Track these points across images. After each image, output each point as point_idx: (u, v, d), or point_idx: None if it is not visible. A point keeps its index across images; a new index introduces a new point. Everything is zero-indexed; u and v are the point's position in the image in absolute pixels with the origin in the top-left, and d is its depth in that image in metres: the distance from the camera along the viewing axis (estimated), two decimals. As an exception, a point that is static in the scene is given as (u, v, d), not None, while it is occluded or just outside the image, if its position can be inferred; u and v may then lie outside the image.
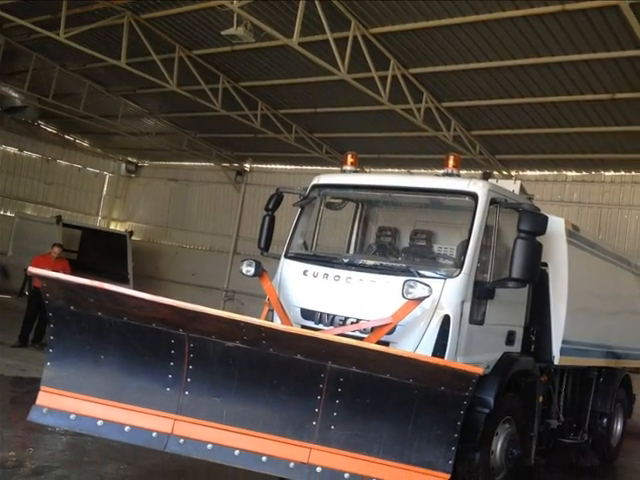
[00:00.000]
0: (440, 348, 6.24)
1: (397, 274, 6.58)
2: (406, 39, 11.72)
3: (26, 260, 12.69)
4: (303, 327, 6.68)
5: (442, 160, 7.34)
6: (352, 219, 8.68)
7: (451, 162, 7.15)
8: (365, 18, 11.34)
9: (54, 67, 17.29)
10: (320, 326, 6.71)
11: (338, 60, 11.32)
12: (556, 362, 8.00)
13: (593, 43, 10.33)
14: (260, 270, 7.14)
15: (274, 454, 5.63)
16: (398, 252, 7.85)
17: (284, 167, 21.56)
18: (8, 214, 23.01)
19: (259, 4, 10.91)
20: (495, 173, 15.71)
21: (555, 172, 16.28)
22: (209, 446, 5.73)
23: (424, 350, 6.21)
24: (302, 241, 7.68)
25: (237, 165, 22.37)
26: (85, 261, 19.68)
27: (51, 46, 15.46)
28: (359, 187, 7.94)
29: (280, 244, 7.68)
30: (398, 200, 7.85)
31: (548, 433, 8.29)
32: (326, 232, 8.10)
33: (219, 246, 22.75)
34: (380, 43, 11.93)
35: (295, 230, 7.67)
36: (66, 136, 24.68)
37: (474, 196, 6.68)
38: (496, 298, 6.66)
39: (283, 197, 7.92)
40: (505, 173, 16.35)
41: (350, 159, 7.78)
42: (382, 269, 6.86)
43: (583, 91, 11.94)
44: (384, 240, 8.12)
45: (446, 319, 6.28)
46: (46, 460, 6.74)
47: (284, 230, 7.82)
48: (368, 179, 8.98)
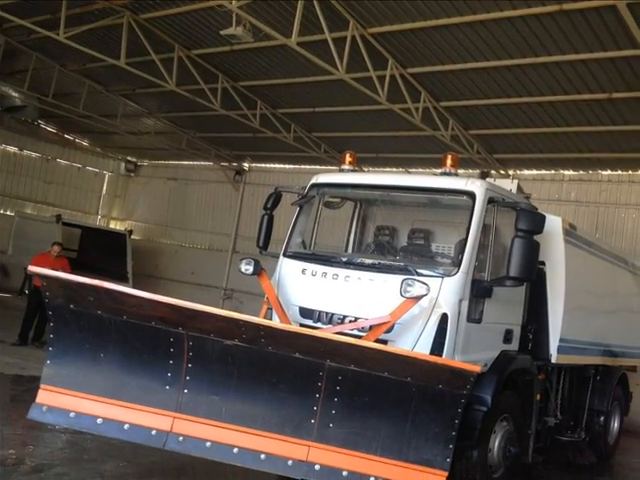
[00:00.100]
0: (438, 346, 6.25)
1: (395, 273, 6.60)
2: (404, 39, 11.70)
3: (26, 259, 12.70)
4: (302, 326, 6.71)
5: (440, 159, 7.35)
6: (350, 218, 8.69)
7: (449, 161, 7.15)
8: (363, 18, 11.33)
9: (54, 67, 17.27)
10: (318, 324, 6.74)
11: (336, 60, 11.31)
12: (553, 360, 8.03)
13: (590, 43, 10.33)
14: (259, 269, 7.15)
15: (273, 452, 5.65)
16: (396, 251, 7.87)
17: (283, 166, 21.52)
18: (8, 213, 23.00)
19: (258, 4, 10.90)
20: (493, 172, 15.58)
21: (552, 171, 16.24)
22: (208, 444, 5.74)
23: (422, 348, 6.22)
24: (301, 240, 7.69)
25: (236, 164, 22.33)
26: (85, 260, 19.59)
27: (51, 46, 15.44)
28: (357, 186, 7.95)
29: (279, 243, 7.69)
30: (396, 199, 7.88)
31: (545, 431, 8.32)
32: (324, 231, 8.12)
33: (218, 245, 22.71)
34: (378, 43, 11.91)
35: (294, 229, 7.68)
36: (66, 135, 24.65)
37: (472, 195, 6.69)
38: (494, 297, 6.68)
39: (282, 196, 7.93)
40: (503, 172, 16.31)
41: (348, 158, 7.81)
42: (380, 268, 6.87)
43: (580, 91, 11.93)
44: (382, 239, 8.14)
45: (444, 317, 6.29)
46: (46, 458, 6.75)
47: (283, 229, 7.83)
48: (366, 178, 8.95)
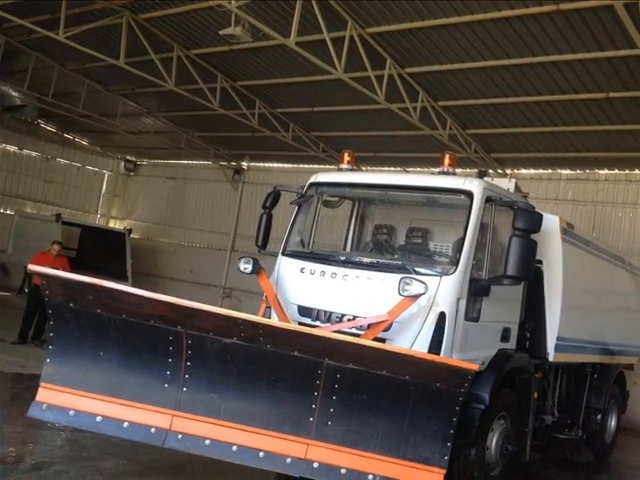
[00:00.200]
0: (436, 345, 6.26)
1: (393, 271, 6.61)
2: (402, 39, 11.72)
3: (26, 258, 12.69)
4: (300, 324, 6.72)
5: (438, 158, 7.34)
6: (349, 217, 8.70)
7: (447, 160, 7.16)
8: (361, 18, 11.34)
9: (54, 66, 17.29)
10: (317, 323, 6.76)
11: (335, 59, 11.33)
12: (551, 359, 8.04)
13: (587, 43, 10.34)
14: (257, 267, 7.16)
15: (271, 450, 5.67)
16: (394, 250, 7.89)
17: (281, 165, 21.53)
18: (8, 212, 23.03)
19: (257, 4, 10.91)
20: (490, 171, 15.66)
21: (550, 170, 16.25)
22: (207, 442, 5.76)
23: (420, 347, 6.23)
24: (299, 239, 7.70)
25: (235, 163, 22.34)
26: (84, 258, 19.61)
27: (51, 46, 15.46)
28: (356, 185, 7.97)
29: (277, 242, 7.70)
30: (394, 198, 7.92)
31: (543, 429, 8.34)
32: (323, 230, 8.11)
33: (217, 244, 22.72)
34: (376, 43, 11.93)
35: (292, 228, 7.69)
36: (65, 135, 24.67)
37: (469, 194, 6.71)
38: (491, 295, 6.69)
39: (280, 195, 7.95)
40: (500, 171, 16.32)
41: (347, 157, 7.82)
42: (378, 266, 6.89)
43: (577, 90, 11.94)
44: (380, 238, 8.16)
45: (442, 316, 6.30)
46: (45, 456, 6.76)
47: (281, 228, 7.84)
48: (365, 177, 8.97)
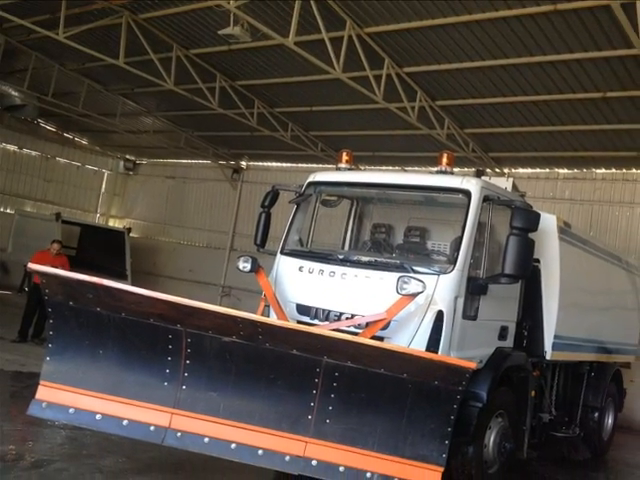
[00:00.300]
0: (434, 343, 6.28)
1: (391, 270, 6.63)
2: (400, 39, 11.73)
3: (26, 256, 12.73)
4: (299, 322, 6.73)
5: (436, 158, 7.37)
6: (347, 216, 8.71)
7: (444, 160, 7.18)
8: (360, 18, 11.35)
9: (53, 66, 17.28)
10: (315, 321, 6.77)
11: (333, 59, 11.34)
12: (548, 357, 8.07)
13: (585, 42, 10.35)
14: (256, 266, 7.18)
15: (270, 447, 5.69)
16: (392, 248, 7.92)
17: (280, 165, 21.53)
18: (8, 211, 23.04)
19: (255, 4, 10.92)
20: (488, 171, 15.74)
21: (547, 170, 16.25)
22: (206, 440, 5.78)
23: (418, 345, 6.25)
24: (298, 238, 7.72)
25: (234, 163, 22.35)
26: (84, 257, 19.61)
27: (50, 45, 15.47)
28: (354, 184, 7.99)
29: (276, 241, 7.73)
30: (392, 197, 7.92)
31: (540, 427, 8.37)
32: (321, 229, 8.13)
33: (216, 243, 22.72)
34: (375, 42, 11.93)
35: (291, 227, 7.71)
36: (65, 134, 24.68)
37: (467, 193, 6.73)
38: (489, 294, 6.71)
39: (279, 194, 7.97)
40: (498, 171, 16.32)
41: (345, 157, 7.84)
42: (376, 265, 6.91)
43: (575, 90, 11.95)
44: (379, 237, 8.18)
45: (440, 314, 6.32)
46: (45, 453, 6.77)
47: (280, 227, 7.86)
48: (363, 177, 8.95)
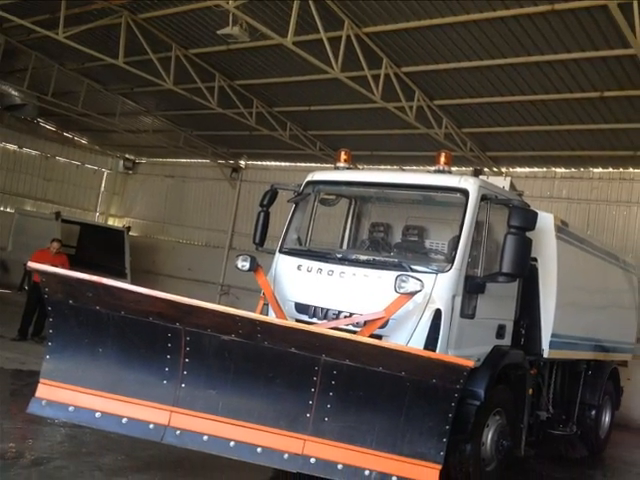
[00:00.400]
0: (432, 341, 6.30)
1: (389, 269, 6.65)
2: (398, 38, 11.75)
3: (26, 255, 12.70)
4: (297, 321, 6.73)
5: (434, 157, 7.39)
6: (345, 215, 8.73)
7: (442, 159, 7.20)
8: (358, 18, 11.37)
9: (53, 66, 17.30)
10: (314, 320, 6.78)
11: (332, 59, 11.36)
12: (545, 355, 8.08)
13: (582, 42, 10.38)
14: (255, 265, 7.20)
15: (269, 445, 5.71)
16: (390, 247, 7.93)
17: (279, 164, 21.54)
18: (8, 210, 23.04)
19: (254, 4, 10.95)
20: (486, 170, 15.78)
21: (545, 169, 16.28)
22: (205, 437, 5.80)
23: (416, 343, 6.27)
24: (296, 236, 7.74)
25: (232, 162, 22.36)
26: (83, 256, 19.64)
27: (50, 45, 15.48)
28: (352, 184, 8.01)
29: (275, 239, 7.74)
30: (391, 196, 7.93)
31: (538, 425, 8.37)
32: (320, 228, 8.15)
33: (215, 241, 22.74)
34: (373, 42, 11.95)
35: (289, 226, 7.73)
36: (65, 133, 24.70)
37: (465, 192, 6.75)
38: (487, 292, 6.74)
39: (278, 193, 7.97)
40: (495, 170, 16.35)
41: (343, 156, 7.85)
42: (375, 264, 6.92)
43: (572, 89, 11.97)
44: (377, 235, 8.19)
45: (437, 313, 6.34)
46: (45, 451, 6.78)
47: (279, 226, 7.88)
48: (361, 176, 8.98)
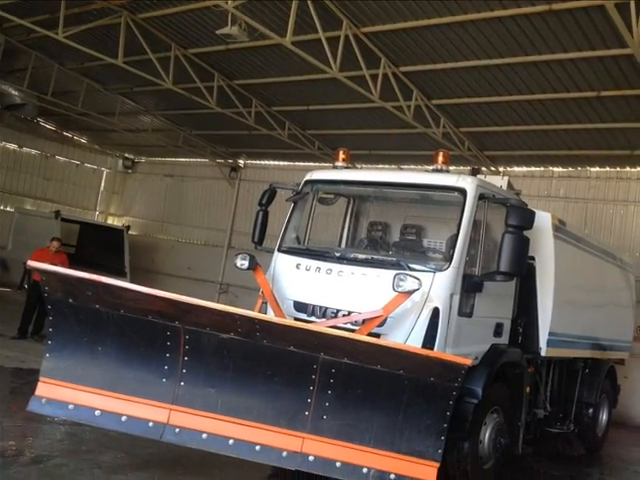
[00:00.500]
0: (430, 340, 6.32)
1: (388, 268, 6.67)
2: (396, 38, 11.75)
3: (25, 254, 12.69)
4: (296, 319, 6.77)
5: (431, 156, 7.42)
6: (344, 214, 8.75)
7: (440, 158, 7.23)
8: (356, 18, 11.38)
9: (53, 65, 17.31)
10: (312, 318, 6.80)
11: (330, 59, 11.37)
12: (543, 353, 8.11)
13: (579, 42, 10.39)
14: (254, 264, 7.22)
15: (267, 443, 5.74)
16: (389, 246, 7.96)
17: (277, 163, 21.55)
18: (8, 209, 23.03)
19: (253, 4, 10.95)
20: (483, 169, 15.77)
21: (542, 168, 16.30)
22: (204, 436, 5.84)
23: (414, 342, 6.30)
24: (295, 235, 7.77)
25: (231, 161, 22.37)
26: (83, 255, 19.68)
27: (50, 45, 15.49)
28: (351, 183, 8.04)
29: (274, 238, 7.75)
30: (389, 195, 7.98)
31: (535, 423, 8.41)
32: (318, 227, 8.18)
33: (214, 240, 22.72)
34: (371, 42, 11.95)
35: (288, 225, 7.76)
36: (65, 133, 24.70)
37: (463, 191, 6.78)
38: (484, 291, 6.77)
39: (276, 192, 8.00)
40: (493, 169, 16.38)
41: (342, 155, 7.88)
42: (373, 263, 6.94)
43: (569, 89, 11.98)
44: (375, 234, 8.22)
45: (435, 311, 6.36)
46: (45, 449, 6.80)
47: (277, 225, 7.91)
48: (359, 175, 9.03)
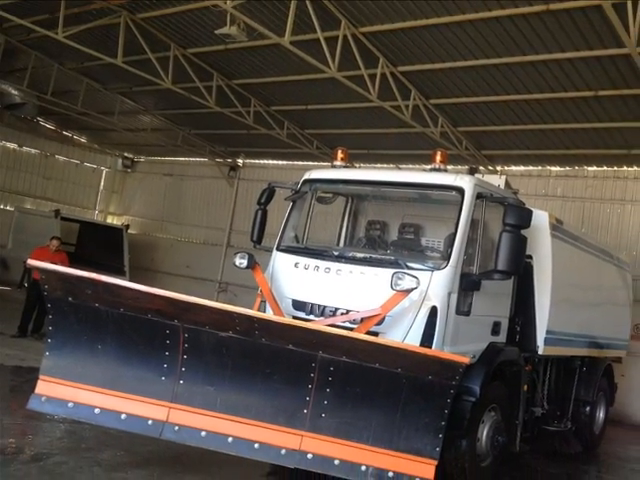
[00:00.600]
0: (428, 338, 6.34)
1: (386, 266, 6.69)
2: (395, 38, 11.78)
3: (25, 253, 12.72)
4: (294, 318, 6.79)
5: (429, 156, 7.44)
6: (342, 213, 8.77)
7: (438, 157, 7.25)
8: (355, 17, 11.41)
9: (53, 65, 17.35)
10: (311, 317, 6.83)
11: (329, 58, 11.41)
12: (540, 352, 8.13)
13: (576, 42, 10.42)
14: (253, 262, 7.24)
15: (266, 441, 5.76)
16: (387, 245, 7.96)
17: (276, 162, 21.58)
18: (8, 208, 23.08)
19: (252, 4, 10.98)
20: (481, 168, 15.87)
21: (539, 167, 16.33)
22: (203, 433, 5.86)
23: (412, 340, 6.32)
24: (294, 234, 7.78)
25: (230, 160, 22.40)
26: (83, 254, 19.74)
27: (50, 45, 15.52)
28: (349, 182, 8.05)
29: (272, 237, 7.78)
30: (387, 194, 7.99)
31: (532, 421, 8.43)
32: (317, 225, 8.21)
33: (213, 239, 22.76)
34: (369, 42, 11.99)
35: (287, 224, 7.77)
36: (64, 132, 24.74)
37: (461, 190, 6.80)
38: (482, 290, 6.78)
39: (275, 192, 8.01)
40: (491, 168, 16.42)
41: (340, 154, 7.89)
42: (371, 261, 6.97)
43: (567, 88, 12.01)
44: (373, 233, 8.23)
45: (433, 310, 6.39)
46: (45, 447, 6.81)
47: (276, 224, 7.93)
48: (358, 174, 9.06)
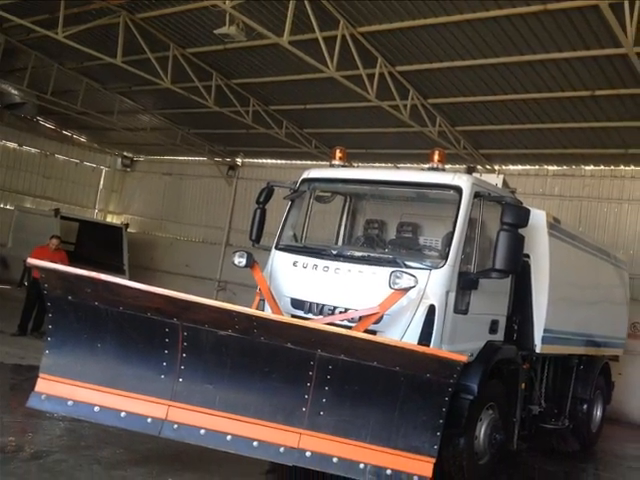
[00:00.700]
0: (426, 336, 6.36)
1: (384, 265, 6.71)
2: (393, 38, 11.80)
3: (25, 251, 12.73)
4: (293, 316, 6.82)
5: (427, 155, 7.47)
6: (341, 212, 8.79)
7: (436, 157, 7.28)
8: (353, 17, 11.42)
9: (52, 65, 17.37)
10: (310, 315, 6.86)
11: (327, 58, 11.42)
12: (538, 350, 8.16)
13: (574, 42, 10.43)
14: (251, 261, 7.27)
15: (265, 439, 5.79)
16: (385, 244, 7.99)
17: (275, 162, 21.59)
18: (8, 207, 23.12)
19: (251, 4, 11.00)
20: (479, 167, 15.86)
21: (537, 166, 16.37)
22: (202, 431, 5.89)
23: (410, 338, 6.34)
24: (292, 233, 7.80)
25: (229, 160, 22.42)
26: (82, 252, 19.75)
27: (49, 45, 15.55)
28: (347, 181, 8.08)
29: (271, 236, 7.81)
30: (385, 193, 8.01)
31: (530, 419, 8.46)
32: (315, 224, 8.23)
33: (212, 238, 22.78)
34: (368, 42, 12.01)
35: (285, 222, 7.80)
36: (64, 132, 24.77)
37: (458, 189, 6.82)
38: (480, 288, 6.81)
39: (274, 191, 8.03)
40: (488, 167, 16.45)
41: (339, 154, 7.90)
42: (369, 260, 7.00)
43: (564, 88, 12.03)
44: (371, 232, 8.26)
45: (431, 309, 6.41)
46: (44, 445, 6.82)
47: (275, 222, 7.94)
48: (356, 173, 9.10)
